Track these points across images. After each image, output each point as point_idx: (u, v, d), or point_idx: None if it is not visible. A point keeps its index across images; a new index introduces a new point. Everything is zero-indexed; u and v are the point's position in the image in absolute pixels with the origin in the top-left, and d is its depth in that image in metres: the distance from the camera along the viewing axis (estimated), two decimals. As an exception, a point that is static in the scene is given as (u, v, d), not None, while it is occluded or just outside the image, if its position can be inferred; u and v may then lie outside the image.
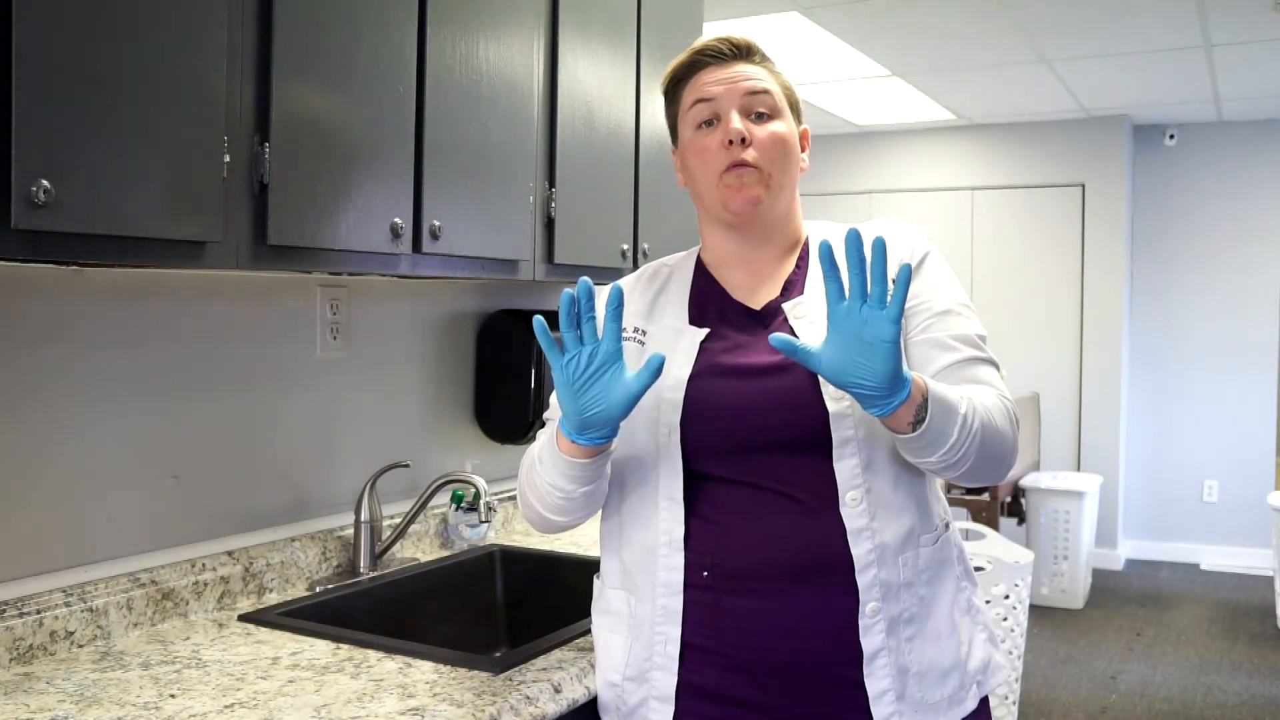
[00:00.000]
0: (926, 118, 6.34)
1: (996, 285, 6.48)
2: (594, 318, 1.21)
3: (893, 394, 1.16)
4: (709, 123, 1.37)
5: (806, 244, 1.44)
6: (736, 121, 1.34)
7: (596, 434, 1.26)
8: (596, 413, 1.23)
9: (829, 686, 1.28)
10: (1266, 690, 4.31)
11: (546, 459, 1.34)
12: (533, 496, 1.40)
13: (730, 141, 1.33)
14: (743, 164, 1.33)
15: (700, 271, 1.45)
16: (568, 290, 1.20)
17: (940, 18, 4.28)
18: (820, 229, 1.46)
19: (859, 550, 1.27)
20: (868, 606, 1.27)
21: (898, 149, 6.77)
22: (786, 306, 1.36)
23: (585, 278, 1.21)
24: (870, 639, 1.27)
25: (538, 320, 1.24)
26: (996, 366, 1.37)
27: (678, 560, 1.32)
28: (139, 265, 1.36)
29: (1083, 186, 6.32)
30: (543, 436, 1.39)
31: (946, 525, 1.40)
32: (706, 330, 1.37)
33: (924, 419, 1.19)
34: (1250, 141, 6.29)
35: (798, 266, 1.41)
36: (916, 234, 1.42)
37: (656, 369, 1.22)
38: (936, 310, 1.36)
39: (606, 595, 1.42)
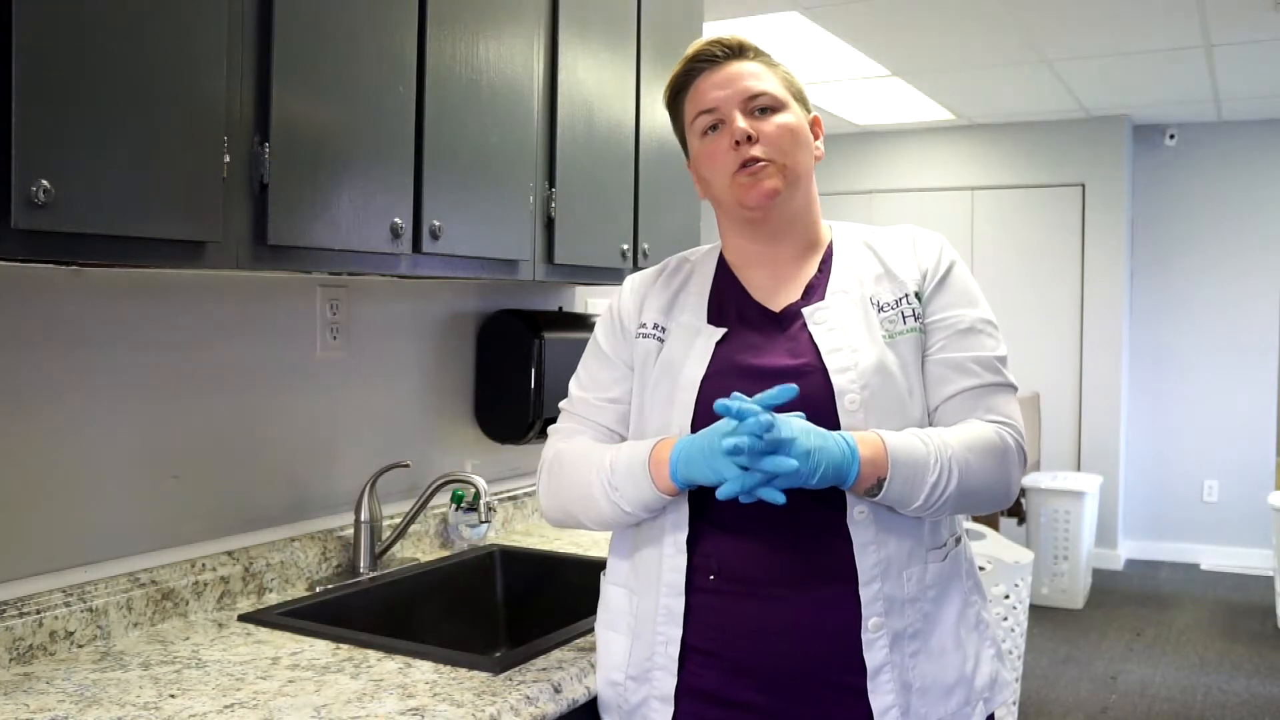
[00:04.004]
0: (926, 118, 6.34)
1: (996, 285, 6.47)
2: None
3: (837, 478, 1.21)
4: (714, 128, 1.36)
5: (831, 247, 1.42)
6: (740, 122, 1.33)
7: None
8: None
9: (833, 693, 1.27)
10: (1266, 690, 4.31)
11: (628, 489, 1.30)
12: (579, 508, 1.38)
13: (737, 142, 1.32)
14: (754, 160, 1.32)
15: (722, 269, 1.44)
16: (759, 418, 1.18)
17: (940, 18, 4.28)
18: (846, 230, 1.44)
19: (864, 564, 1.26)
20: (870, 621, 1.26)
21: (898, 149, 6.77)
22: (806, 311, 1.35)
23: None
24: (874, 654, 1.26)
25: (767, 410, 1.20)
26: (1014, 390, 1.36)
27: (681, 562, 1.32)
28: (139, 265, 1.36)
29: (1083, 186, 6.32)
30: (605, 456, 1.34)
31: (957, 540, 1.38)
32: (724, 330, 1.36)
33: (880, 489, 1.23)
34: (1250, 141, 6.29)
35: (820, 270, 1.39)
36: (943, 242, 1.41)
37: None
38: (959, 328, 1.34)
39: (609, 593, 1.42)
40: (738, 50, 1.38)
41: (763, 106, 1.35)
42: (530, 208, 1.93)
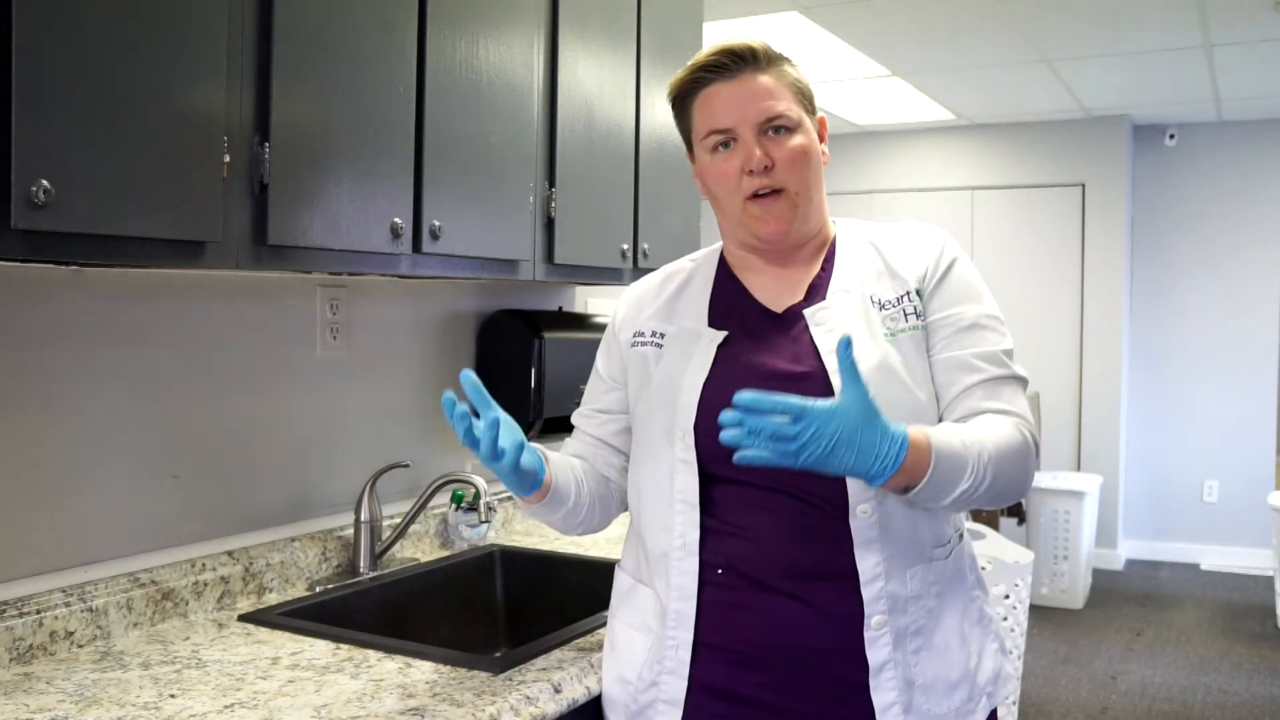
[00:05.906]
0: (926, 118, 6.34)
1: (996, 285, 6.42)
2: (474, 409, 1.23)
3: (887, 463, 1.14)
4: (725, 144, 1.32)
5: (833, 245, 1.40)
6: (755, 148, 1.30)
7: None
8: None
9: (836, 688, 1.27)
10: (1266, 690, 4.31)
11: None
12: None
13: (751, 171, 1.30)
14: (769, 191, 1.31)
15: (723, 271, 1.43)
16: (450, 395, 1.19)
17: (940, 18, 4.28)
18: (850, 228, 1.43)
19: (866, 564, 1.26)
20: (873, 619, 1.26)
21: (898, 149, 6.77)
22: (807, 313, 1.34)
23: (467, 370, 1.22)
24: (876, 651, 1.26)
25: (466, 374, 1.22)
26: (1023, 383, 1.33)
27: (691, 564, 1.31)
28: (139, 265, 1.36)
29: (1083, 186, 6.32)
30: None
31: (960, 536, 1.37)
32: (724, 334, 1.35)
33: (918, 484, 1.17)
34: (1250, 141, 6.29)
35: (823, 269, 1.38)
36: (945, 239, 1.38)
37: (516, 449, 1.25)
38: (961, 325, 1.32)
39: (638, 592, 1.40)
40: (749, 58, 1.32)
41: (777, 127, 1.31)
42: (530, 208, 1.94)
